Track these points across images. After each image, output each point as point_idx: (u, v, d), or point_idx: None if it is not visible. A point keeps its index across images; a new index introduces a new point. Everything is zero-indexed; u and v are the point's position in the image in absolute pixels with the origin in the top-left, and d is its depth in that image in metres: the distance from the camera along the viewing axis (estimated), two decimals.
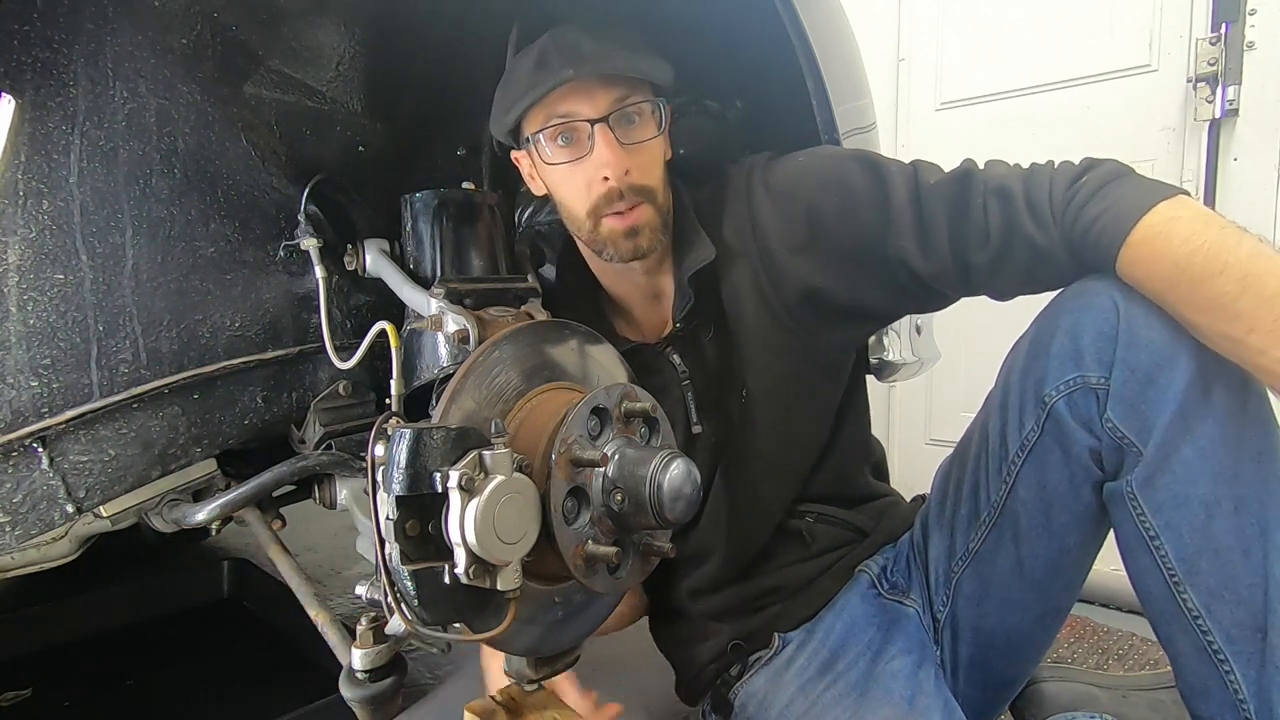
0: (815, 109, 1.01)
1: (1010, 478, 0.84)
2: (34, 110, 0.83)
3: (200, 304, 0.98)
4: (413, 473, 0.64)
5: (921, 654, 0.93)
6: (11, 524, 0.87)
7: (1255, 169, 1.68)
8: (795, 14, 0.95)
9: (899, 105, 2.24)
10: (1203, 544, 0.71)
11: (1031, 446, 0.82)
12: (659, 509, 0.73)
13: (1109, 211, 0.73)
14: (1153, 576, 0.74)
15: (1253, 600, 0.69)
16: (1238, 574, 0.69)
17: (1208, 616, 0.71)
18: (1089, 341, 0.75)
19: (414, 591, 0.66)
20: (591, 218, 0.90)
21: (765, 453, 0.99)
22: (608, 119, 0.87)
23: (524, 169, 0.98)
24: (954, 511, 0.93)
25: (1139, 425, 0.73)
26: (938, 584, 0.95)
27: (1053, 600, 0.89)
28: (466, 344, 0.89)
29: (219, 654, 1.73)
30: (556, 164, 0.90)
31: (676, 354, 1.01)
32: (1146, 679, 1.07)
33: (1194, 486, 0.70)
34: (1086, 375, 0.76)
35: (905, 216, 0.86)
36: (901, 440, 2.31)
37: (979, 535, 0.89)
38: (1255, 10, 1.64)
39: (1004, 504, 0.86)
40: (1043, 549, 0.84)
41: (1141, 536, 0.73)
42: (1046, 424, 0.80)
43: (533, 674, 0.89)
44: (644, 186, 0.90)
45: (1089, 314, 0.76)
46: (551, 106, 0.88)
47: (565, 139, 0.89)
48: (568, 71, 0.84)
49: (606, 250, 0.93)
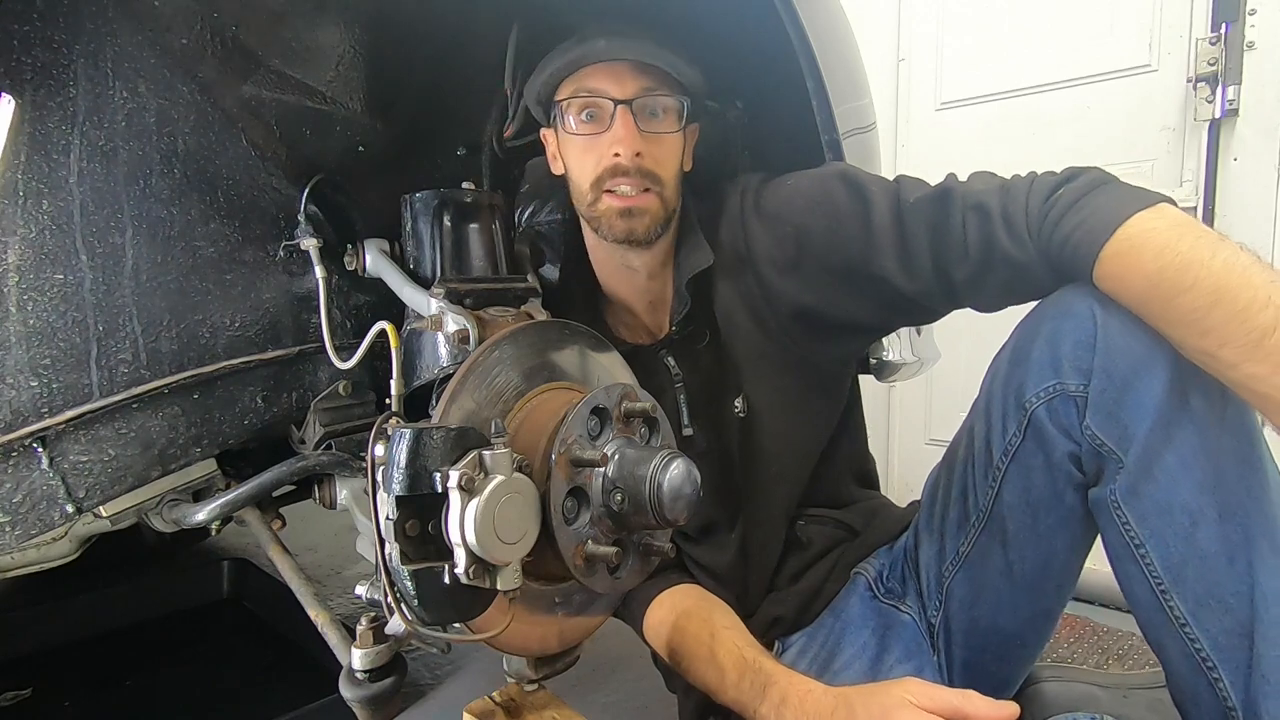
0: (815, 109, 1.01)
1: (996, 483, 0.85)
2: (34, 110, 0.83)
3: (200, 304, 0.98)
4: (413, 473, 0.64)
5: (920, 660, 0.93)
6: (11, 524, 0.87)
7: (1255, 169, 1.68)
8: (795, 14, 0.95)
9: (899, 105, 2.24)
10: (1188, 552, 0.70)
11: (1015, 452, 0.82)
12: (659, 509, 0.74)
13: (1083, 225, 0.72)
14: (1140, 585, 0.74)
15: (1239, 608, 0.69)
16: (1224, 581, 0.69)
17: (1195, 624, 0.71)
18: (1067, 349, 0.75)
19: (414, 591, 0.66)
20: (594, 189, 0.92)
21: (772, 466, 1.01)
22: (631, 103, 0.89)
23: (549, 148, 1.01)
24: (944, 516, 0.94)
25: (1118, 433, 0.72)
26: (930, 588, 0.96)
27: (1044, 602, 0.89)
28: (466, 344, 0.89)
29: (219, 654, 1.73)
30: (576, 135, 0.93)
31: (671, 357, 1.02)
32: (1146, 678, 1.07)
33: (1177, 495, 0.70)
34: (1065, 383, 0.75)
35: (887, 236, 0.86)
36: (901, 440, 2.31)
37: (969, 539, 0.89)
38: (1255, 10, 1.64)
39: (991, 509, 0.86)
40: (1031, 552, 0.85)
41: (1127, 545, 0.73)
42: (1028, 430, 0.80)
43: (533, 674, 0.89)
44: (653, 173, 0.92)
45: (1068, 322, 0.76)
46: (582, 80, 0.91)
47: (589, 115, 0.92)
48: (602, 43, 0.88)
49: (602, 227, 0.94)
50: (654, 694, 1.35)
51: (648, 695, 1.40)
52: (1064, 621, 1.68)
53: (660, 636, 0.97)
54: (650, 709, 1.38)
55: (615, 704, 1.41)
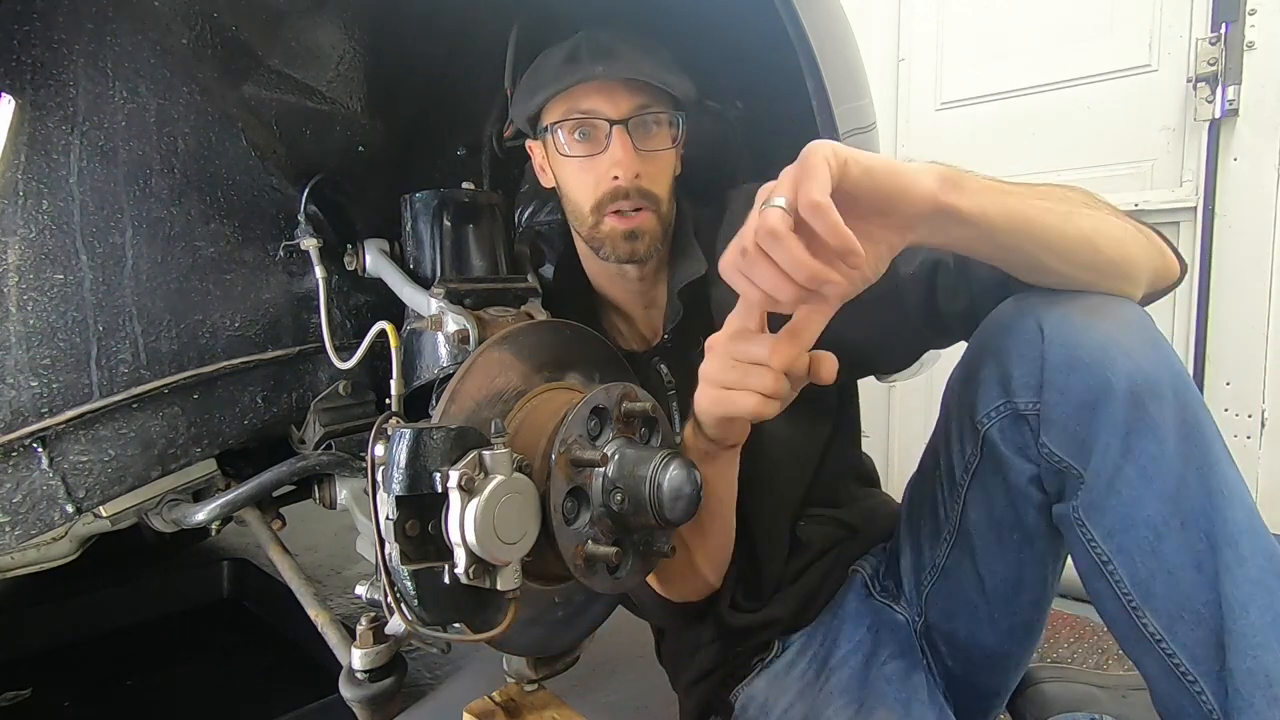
0: (815, 109, 1.01)
1: (960, 500, 0.84)
2: (34, 110, 0.83)
3: (200, 304, 0.98)
4: (413, 473, 0.64)
5: (911, 659, 0.93)
6: (11, 524, 0.87)
7: (1255, 169, 1.68)
8: (795, 14, 0.95)
9: (899, 105, 2.24)
10: (1155, 566, 0.69)
11: (974, 471, 0.81)
12: (659, 509, 0.73)
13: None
14: (1111, 601, 0.72)
15: (1211, 617, 0.67)
16: (1193, 593, 0.68)
17: (1170, 639, 0.69)
18: (1015, 367, 0.73)
19: (414, 591, 0.66)
20: (595, 213, 0.92)
21: (774, 472, 1.00)
22: (627, 122, 0.89)
23: (535, 159, 1.00)
24: (920, 526, 0.93)
25: (1075, 448, 0.71)
26: (911, 596, 0.96)
27: (1021, 615, 0.87)
28: (466, 344, 0.89)
29: (219, 654, 1.73)
30: (570, 157, 0.92)
31: (664, 364, 1.02)
32: None
33: (1140, 508, 0.68)
34: (1015, 401, 0.74)
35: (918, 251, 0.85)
36: (901, 440, 2.31)
37: (943, 551, 0.89)
38: (1255, 10, 1.64)
39: (959, 524, 0.86)
40: (1000, 567, 0.84)
41: (1095, 562, 0.72)
42: (984, 450, 0.79)
43: (533, 674, 0.89)
44: (650, 193, 0.91)
45: (1013, 338, 0.74)
46: (575, 101, 0.90)
47: (583, 135, 0.91)
48: (597, 68, 0.87)
49: (604, 249, 0.93)
50: (654, 694, 1.36)
51: (648, 695, 1.40)
52: (1064, 621, 1.68)
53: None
54: (650, 709, 1.39)
55: (615, 704, 1.42)
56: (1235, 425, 1.74)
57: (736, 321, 0.71)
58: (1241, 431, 1.74)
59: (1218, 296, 1.74)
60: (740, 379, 0.70)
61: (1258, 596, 0.65)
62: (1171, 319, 1.79)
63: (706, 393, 0.74)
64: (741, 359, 0.70)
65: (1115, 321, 0.71)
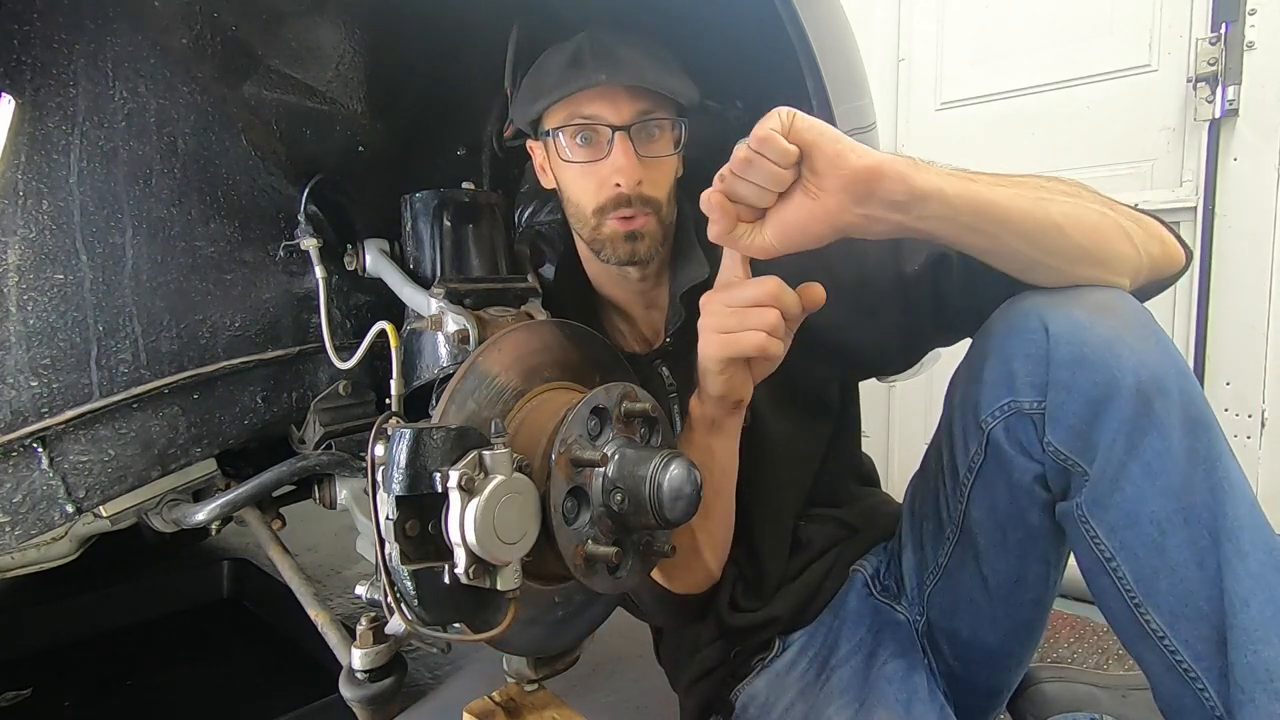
0: (815, 109, 1.01)
1: (964, 499, 0.84)
2: (34, 110, 0.83)
3: (200, 304, 0.98)
4: (413, 473, 0.64)
5: (912, 659, 0.93)
6: (11, 524, 0.87)
7: (1255, 169, 1.68)
8: (795, 14, 0.95)
9: (899, 105, 2.24)
10: (1158, 563, 0.69)
11: (978, 470, 0.81)
12: (659, 509, 0.73)
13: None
14: (1114, 599, 0.72)
15: (1213, 613, 0.67)
16: (1196, 589, 0.68)
17: (1173, 636, 0.69)
18: (1019, 365, 0.73)
19: (414, 591, 0.66)
20: (597, 215, 0.92)
21: (776, 473, 1.00)
22: (629, 129, 0.88)
23: (536, 159, 1.00)
24: (922, 526, 0.94)
25: (1081, 446, 0.71)
26: (913, 596, 0.96)
27: (1022, 614, 0.88)
28: (466, 344, 0.89)
29: (219, 654, 1.73)
30: (572, 162, 0.92)
31: (665, 367, 1.02)
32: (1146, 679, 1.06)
33: (1144, 505, 0.69)
34: (1019, 400, 0.74)
35: (921, 249, 0.86)
36: (901, 440, 2.31)
37: (945, 551, 0.89)
38: (1255, 10, 1.64)
39: (962, 523, 0.86)
40: (1003, 566, 0.84)
41: (1098, 559, 0.72)
42: (988, 449, 0.79)
43: (533, 674, 0.89)
44: (652, 198, 0.92)
45: (1017, 337, 0.74)
46: (577, 106, 0.89)
47: (585, 139, 0.90)
48: (600, 75, 0.87)
49: (605, 251, 0.93)
50: (654, 694, 1.36)
51: (648, 695, 1.40)
52: (1064, 621, 1.68)
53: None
54: (650, 709, 1.39)
55: (615, 704, 1.42)
56: (1235, 425, 1.74)
57: (725, 274, 0.77)
58: (1241, 431, 1.74)
59: (1218, 296, 1.74)
60: (741, 321, 0.74)
61: (1259, 591, 0.65)
62: (1172, 319, 1.79)
63: (711, 340, 0.77)
64: (738, 304, 0.75)
65: (1120, 319, 0.71)
